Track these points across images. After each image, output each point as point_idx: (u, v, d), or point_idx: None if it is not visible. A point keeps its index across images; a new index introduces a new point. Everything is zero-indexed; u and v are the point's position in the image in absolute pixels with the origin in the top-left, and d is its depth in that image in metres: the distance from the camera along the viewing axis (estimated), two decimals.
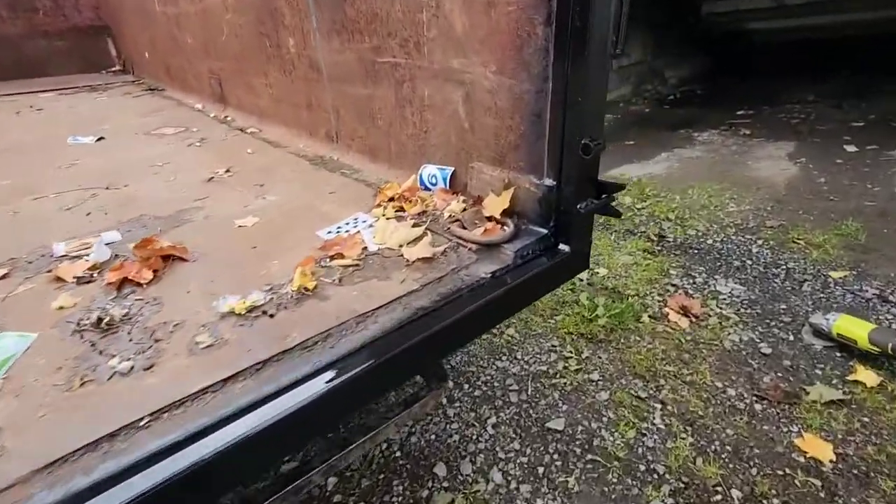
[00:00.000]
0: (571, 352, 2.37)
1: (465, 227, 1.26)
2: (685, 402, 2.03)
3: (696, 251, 3.16)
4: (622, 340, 2.42)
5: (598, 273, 3.01)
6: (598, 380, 2.19)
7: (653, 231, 3.44)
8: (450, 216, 1.33)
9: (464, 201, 1.39)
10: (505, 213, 1.29)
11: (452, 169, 1.48)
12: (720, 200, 3.79)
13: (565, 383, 2.19)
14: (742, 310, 2.57)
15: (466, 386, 2.22)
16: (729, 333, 2.41)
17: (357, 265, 1.17)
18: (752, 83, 7.21)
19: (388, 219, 1.37)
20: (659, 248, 3.25)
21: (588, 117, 1.07)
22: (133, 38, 4.89)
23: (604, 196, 1.20)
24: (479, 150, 1.37)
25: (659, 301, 2.71)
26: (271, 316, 0.99)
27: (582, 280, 2.93)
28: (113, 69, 5.60)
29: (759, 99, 6.36)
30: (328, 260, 1.20)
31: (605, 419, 1.99)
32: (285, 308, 1.02)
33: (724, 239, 3.26)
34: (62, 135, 2.69)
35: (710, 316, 2.54)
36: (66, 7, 5.28)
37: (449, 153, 1.48)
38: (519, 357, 2.37)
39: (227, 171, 1.93)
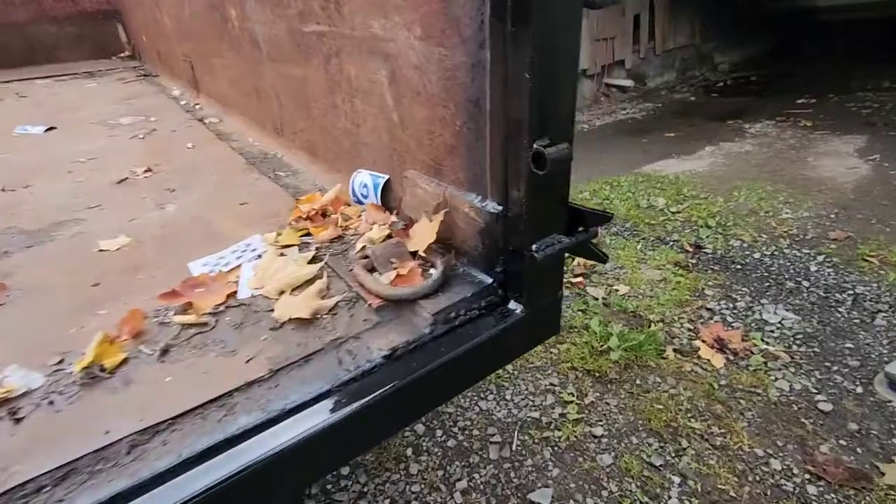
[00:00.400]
0: (573, 394, 1.93)
1: (374, 268, 0.86)
2: (712, 476, 1.58)
3: (739, 267, 2.64)
4: (638, 382, 1.97)
5: (617, 291, 2.54)
6: (602, 435, 1.76)
7: (688, 240, 2.93)
8: (362, 248, 0.93)
9: (391, 225, 0.99)
10: (439, 248, 0.88)
11: (386, 177, 1.08)
12: (772, 205, 3.21)
13: (560, 438, 1.77)
14: (795, 347, 2.06)
15: (439, 433, 1.83)
16: (776, 379, 1.91)
17: (204, 324, 0.80)
18: (815, 69, 6.38)
19: (282, 247, 0.99)
20: (694, 261, 2.74)
21: (543, 106, 0.65)
22: (136, 22, 4.68)
23: (579, 230, 0.77)
24: (412, 152, 0.96)
25: (689, 330, 2.23)
26: (17, 421, 0.63)
27: (596, 300, 2.47)
28: (122, 55, 5.43)
29: (823, 86, 5.58)
30: (172, 313, 0.83)
31: (604, 493, 1.56)
32: (51, 403, 0.66)
33: (776, 253, 2.71)
34: (17, 124, 2.44)
35: (752, 353, 2.04)
36: None
37: (382, 155, 1.09)
38: (508, 397, 1.96)
39: (147, 170, 1.60)
